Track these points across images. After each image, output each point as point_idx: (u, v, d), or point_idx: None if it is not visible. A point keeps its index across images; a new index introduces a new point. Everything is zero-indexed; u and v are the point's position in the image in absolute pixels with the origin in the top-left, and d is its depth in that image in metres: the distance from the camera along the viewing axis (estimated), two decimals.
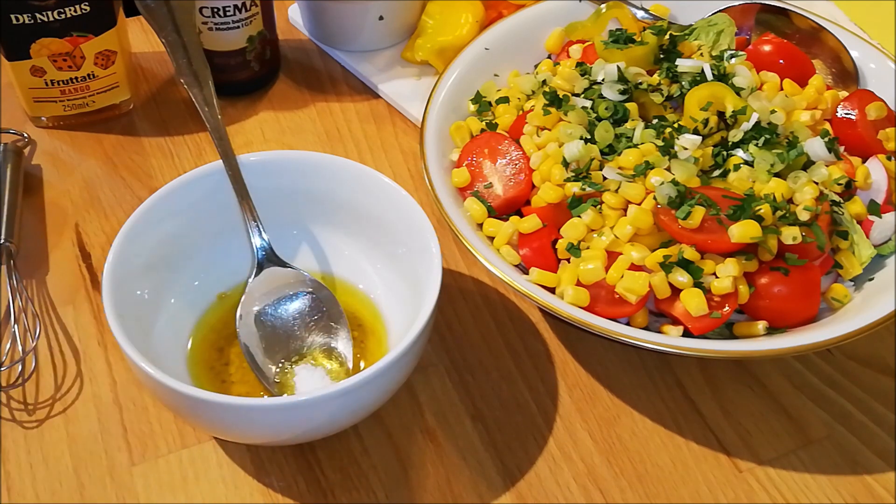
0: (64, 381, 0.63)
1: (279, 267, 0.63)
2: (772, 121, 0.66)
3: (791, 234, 0.59)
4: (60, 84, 0.76)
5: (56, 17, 0.71)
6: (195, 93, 0.66)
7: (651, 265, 0.60)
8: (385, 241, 0.64)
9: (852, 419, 0.62)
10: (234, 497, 0.58)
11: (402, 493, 0.58)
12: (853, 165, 0.66)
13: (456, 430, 0.61)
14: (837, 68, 0.75)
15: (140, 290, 0.60)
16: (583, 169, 0.64)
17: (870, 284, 0.63)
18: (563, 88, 0.70)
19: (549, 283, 0.61)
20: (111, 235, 0.59)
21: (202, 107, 0.65)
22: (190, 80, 0.66)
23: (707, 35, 0.75)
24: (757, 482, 0.59)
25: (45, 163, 0.77)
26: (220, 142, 0.63)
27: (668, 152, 0.64)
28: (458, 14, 0.82)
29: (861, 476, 0.60)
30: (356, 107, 0.82)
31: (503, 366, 0.65)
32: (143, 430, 0.61)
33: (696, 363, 0.65)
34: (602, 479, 0.59)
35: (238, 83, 0.82)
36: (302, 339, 0.61)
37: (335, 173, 0.64)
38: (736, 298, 0.59)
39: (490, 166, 0.68)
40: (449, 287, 0.69)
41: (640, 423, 0.62)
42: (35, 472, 0.59)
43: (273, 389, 0.59)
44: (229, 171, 0.63)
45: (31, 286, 0.68)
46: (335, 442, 0.60)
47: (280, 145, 0.79)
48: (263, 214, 0.64)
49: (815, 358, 0.65)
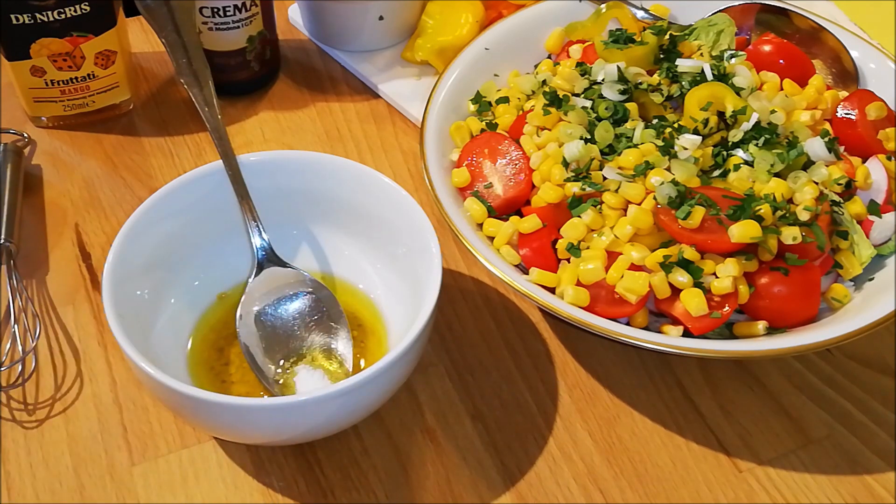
0: (64, 381, 0.63)
1: (279, 267, 0.63)
2: (772, 121, 0.66)
3: (791, 234, 0.59)
4: (60, 84, 0.76)
5: (56, 17, 0.71)
6: (195, 93, 0.66)
7: (651, 265, 0.60)
8: (385, 241, 0.64)
9: (852, 419, 0.62)
10: (234, 497, 0.58)
11: (402, 493, 0.58)
12: (853, 165, 0.66)
13: (456, 430, 0.61)
14: (837, 68, 0.75)
15: (140, 290, 0.60)
16: (583, 169, 0.64)
17: (870, 284, 0.63)
18: (563, 88, 0.70)
19: (549, 283, 0.61)
20: (111, 235, 0.59)
21: (202, 107, 0.65)
22: (190, 80, 0.66)
23: (707, 35, 0.75)
24: (757, 482, 0.59)
25: (45, 163, 0.77)
26: (221, 142, 0.63)
27: (668, 152, 0.64)
28: (458, 14, 0.82)
29: (861, 476, 0.60)
30: (356, 107, 0.82)
31: (503, 366, 0.65)
32: (143, 430, 0.61)
33: (696, 363, 0.65)
34: (602, 479, 0.59)
35: (238, 83, 0.82)
36: (302, 339, 0.61)
37: (335, 173, 0.64)
38: (736, 298, 0.59)
39: (490, 166, 0.68)
40: (449, 287, 0.69)
41: (640, 423, 0.62)
42: (35, 472, 0.59)
43: (273, 389, 0.59)
44: (229, 171, 0.63)
45: (31, 286, 0.68)
46: (335, 442, 0.60)
47: (280, 145, 0.79)
48: (263, 214, 0.64)
49: (815, 358, 0.65)
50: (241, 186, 0.63)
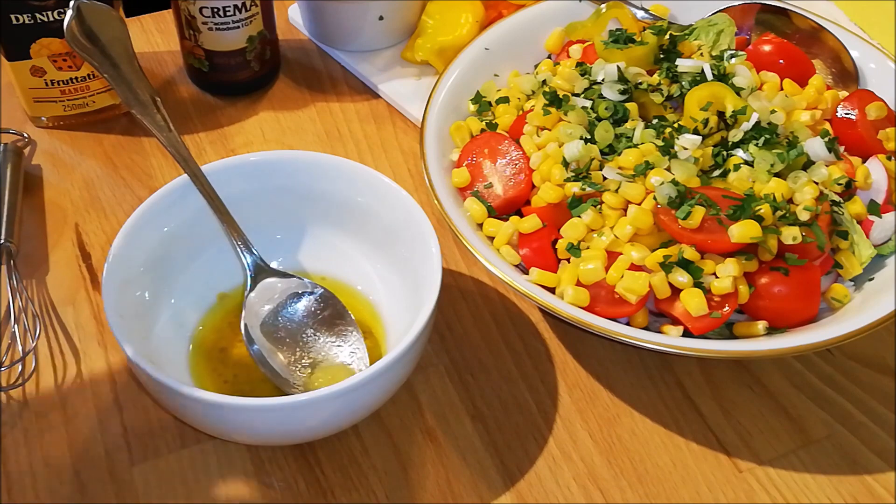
0: (64, 381, 0.63)
1: (273, 277, 0.63)
2: (772, 121, 0.66)
3: (791, 234, 0.59)
4: (60, 84, 0.76)
5: (56, 17, 0.71)
6: (148, 121, 0.64)
7: (651, 265, 0.60)
8: (385, 241, 0.64)
9: (852, 419, 0.62)
10: (234, 497, 0.58)
11: (402, 493, 0.58)
12: (853, 165, 0.66)
13: (456, 430, 0.61)
14: (837, 68, 0.75)
15: (140, 290, 0.60)
16: (583, 169, 0.64)
17: (870, 284, 0.63)
18: (563, 88, 0.70)
19: (549, 283, 0.61)
20: (111, 235, 0.59)
21: (158, 134, 0.64)
22: (139, 109, 0.65)
23: (707, 35, 0.75)
24: (757, 482, 0.59)
25: (45, 163, 0.77)
26: (186, 163, 0.62)
27: (668, 152, 0.64)
28: (458, 14, 0.82)
29: (861, 476, 0.60)
30: (356, 107, 0.82)
31: (503, 366, 0.65)
32: (143, 430, 0.61)
33: (696, 363, 0.65)
34: (602, 479, 0.59)
35: (238, 83, 0.82)
36: (313, 340, 0.61)
37: (335, 173, 0.64)
38: (736, 298, 0.59)
39: (490, 166, 0.68)
40: (449, 287, 0.69)
41: (640, 423, 0.62)
42: (35, 472, 0.59)
43: (292, 393, 0.59)
44: (201, 189, 0.62)
45: (31, 286, 0.68)
46: (335, 442, 0.60)
47: (280, 145, 0.79)
48: (263, 214, 0.64)
49: (815, 358, 0.65)
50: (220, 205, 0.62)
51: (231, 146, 0.79)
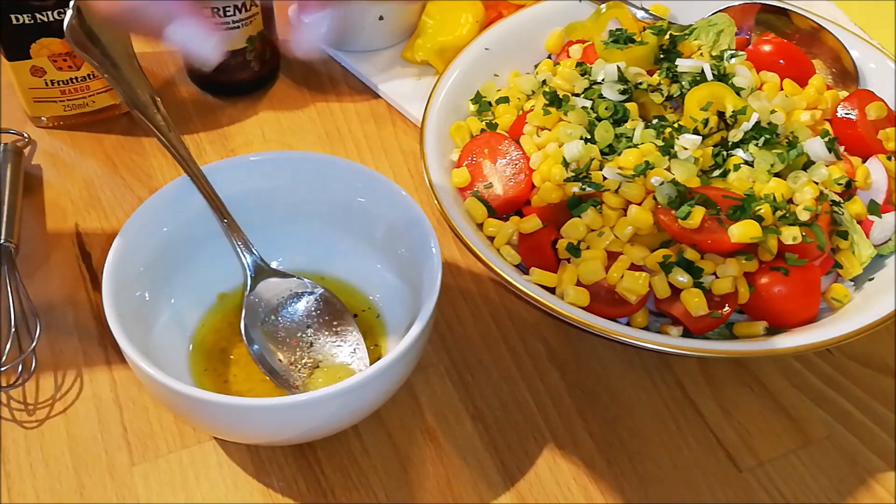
0: (64, 381, 0.63)
1: (273, 278, 0.63)
2: (772, 121, 0.66)
3: (791, 234, 0.59)
4: (60, 84, 0.76)
5: (56, 17, 0.71)
6: (148, 121, 0.63)
7: (651, 265, 0.60)
8: (385, 241, 0.64)
9: (852, 419, 0.62)
10: (234, 497, 0.58)
11: (402, 493, 0.58)
12: (853, 165, 0.66)
13: (456, 430, 0.61)
14: (837, 68, 0.75)
15: (140, 290, 0.60)
16: (583, 169, 0.64)
17: (870, 284, 0.63)
18: (563, 88, 0.70)
19: (549, 283, 0.61)
20: (111, 235, 0.59)
21: (159, 133, 0.63)
22: (139, 109, 0.65)
23: (707, 35, 0.75)
24: (757, 482, 0.59)
25: (45, 163, 0.77)
26: (187, 164, 0.62)
27: (668, 152, 0.64)
28: (458, 14, 0.82)
29: (861, 476, 0.60)
30: (356, 107, 0.82)
31: (503, 366, 0.65)
32: (143, 430, 0.61)
33: (696, 363, 0.65)
34: (602, 479, 0.59)
35: (238, 83, 0.82)
36: (313, 339, 0.61)
37: (335, 173, 0.64)
38: (736, 298, 0.59)
39: (490, 166, 0.68)
40: (449, 287, 0.69)
41: (640, 423, 0.62)
42: (35, 472, 0.59)
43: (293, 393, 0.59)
44: (201, 189, 0.61)
45: (31, 286, 0.68)
46: (335, 442, 0.60)
47: (280, 145, 0.79)
48: (263, 214, 0.64)
49: (815, 358, 0.65)
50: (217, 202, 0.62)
51: (231, 146, 0.79)
